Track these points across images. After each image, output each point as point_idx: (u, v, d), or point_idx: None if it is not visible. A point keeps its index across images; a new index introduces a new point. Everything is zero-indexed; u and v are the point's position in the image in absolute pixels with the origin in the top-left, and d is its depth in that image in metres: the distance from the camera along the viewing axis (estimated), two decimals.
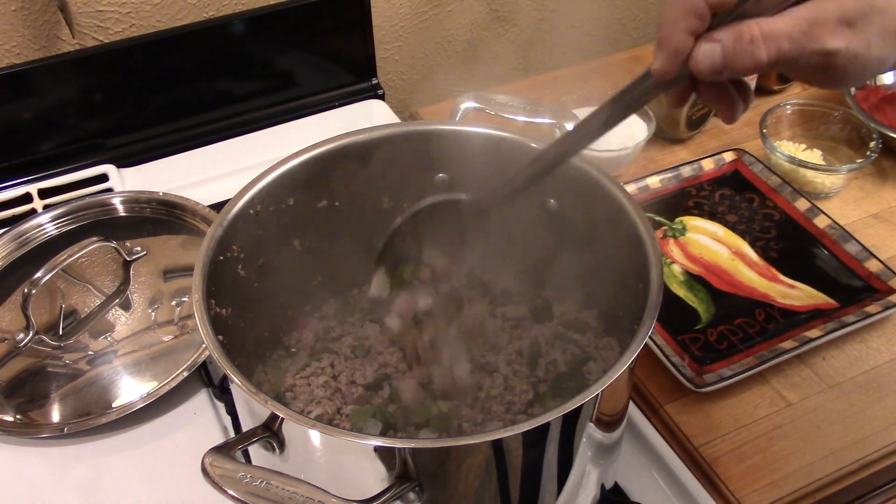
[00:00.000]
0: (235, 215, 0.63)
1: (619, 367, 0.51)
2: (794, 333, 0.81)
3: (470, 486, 0.52)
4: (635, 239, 0.60)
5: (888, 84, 1.09)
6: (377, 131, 0.69)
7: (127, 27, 1.02)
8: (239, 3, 1.06)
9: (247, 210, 0.64)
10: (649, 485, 0.72)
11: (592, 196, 0.64)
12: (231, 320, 0.60)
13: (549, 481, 0.55)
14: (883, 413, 0.77)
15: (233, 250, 0.63)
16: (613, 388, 0.52)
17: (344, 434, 0.49)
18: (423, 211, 0.66)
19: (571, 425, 0.53)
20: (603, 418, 0.56)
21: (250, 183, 0.65)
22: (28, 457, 0.74)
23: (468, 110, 0.74)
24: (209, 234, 0.61)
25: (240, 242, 0.63)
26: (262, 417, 0.51)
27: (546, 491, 0.56)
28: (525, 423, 0.48)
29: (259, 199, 0.65)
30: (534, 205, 0.70)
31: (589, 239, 0.65)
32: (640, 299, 0.56)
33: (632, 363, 0.52)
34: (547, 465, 0.54)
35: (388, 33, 1.19)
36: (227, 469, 0.47)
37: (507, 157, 0.68)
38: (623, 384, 0.58)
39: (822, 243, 0.91)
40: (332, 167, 0.68)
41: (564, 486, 0.57)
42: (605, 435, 0.58)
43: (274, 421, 0.50)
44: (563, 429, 0.52)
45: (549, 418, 0.49)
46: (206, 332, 0.54)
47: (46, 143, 1.01)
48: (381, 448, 0.49)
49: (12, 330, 0.80)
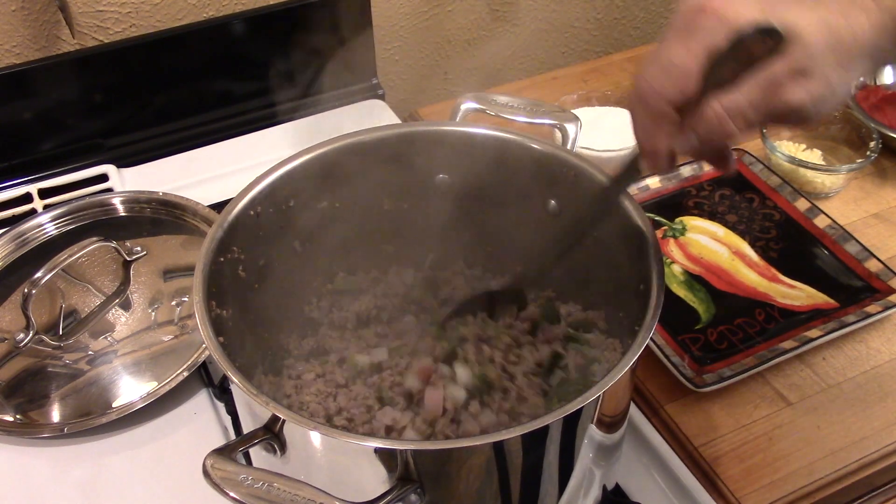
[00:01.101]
0: (236, 216, 0.63)
1: (620, 369, 0.51)
2: (794, 333, 0.81)
3: (472, 488, 0.52)
4: (637, 240, 0.60)
5: (888, 84, 1.09)
6: (377, 132, 0.69)
7: (127, 27, 1.02)
8: (239, 3, 1.06)
9: (247, 211, 0.64)
10: (649, 485, 0.72)
11: (593, 197, 0.64)
12: (231, 321, 0.60)
13: (550, 483, 0.55)
14: (883, 413, 0.77)
15: (233, 251, 0.62)
16: (615, 389, 0.52)
17: (345, 435, 0.49)
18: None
19: (573, 427, 0.53)
20: (604, 419, 0.56)
21: (251, 184, 0.65)
22: (28, 457, 0.74)
23: (469, 111, 0.74)
24: (210, 236, 0.61)
25: (240, 244, 0.63)
26: (263, 419, 0.51)
27: (547, 493, 0.56)
28: (526, 425, 0.48)
29: (260, 200, 0.65)
30: (535, 206, 0.70)
31: (590, 240, 0.65)
32: (642, 300, 0.56)
33: (633, 364, 0.52)
34: (548, 466, 0.54)
35: (388, 33, 1.19)
36: (229, 471, 0.47)
37: (508, 158, 0.68)
38: (624, 385, 0.58)
39: (822, 243, 0.91)
40: (332, 168, 0.68)
41: (566, 487, 0.57)
42: (607, 436, 0.58)
43: (275, 422, 0.50)
44: (565, 430, 0.52)
45: (550, 420, 0.49)
46: (208, 333, 0.54)
47: (46, 143, 1.01)
48: (381, 450, 0.49)
49: (12, 330, 0.80)
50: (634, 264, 0.59)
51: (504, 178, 0.69)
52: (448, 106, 1.08)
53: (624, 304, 0.62)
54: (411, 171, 0.71)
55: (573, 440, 0.54)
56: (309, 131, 1.08)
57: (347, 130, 0.69)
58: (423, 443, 0.56)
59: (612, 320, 0.68)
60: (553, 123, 0.73)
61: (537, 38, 1.33)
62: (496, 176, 0.70)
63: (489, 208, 0.72)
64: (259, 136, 1.08)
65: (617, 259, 0.63)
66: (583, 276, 0.68)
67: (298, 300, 0.72)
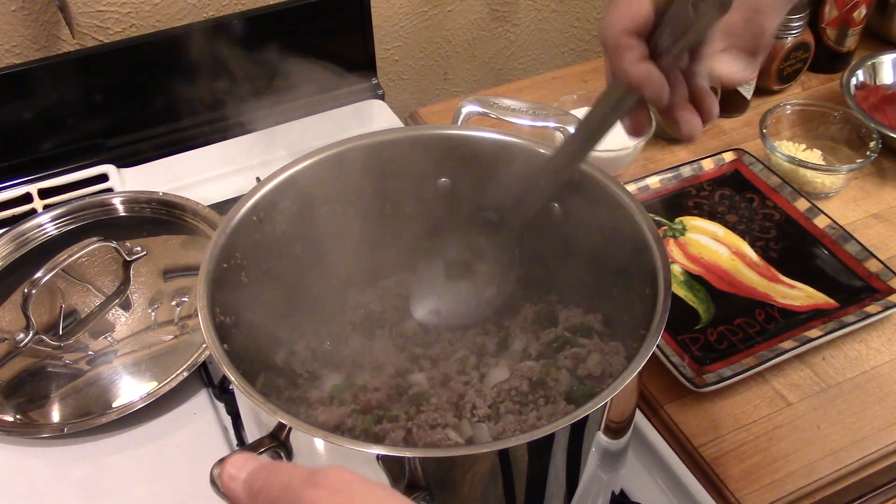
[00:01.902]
0: (238, 222, 0.62)
1: (628, 374, 0.50)
2: (794, 333, 0.81)
3: (481, 495, 0.52)
4: (641, 242, 0.59)
5: (888, 84, 1.09)
6: (379, 136, 0.69)
7: (127, 27, 1.02)
8: (239, 3, 1.06)
9: (250, 217, 0.63)
10: (649, 484, 0.72)
11: (596, 200, 0.64)
12: (234, 328, 0.60)
13: (557, 488, 0.55)
14: (883, 413, 0.77)
15: (236, 257, 0.62)
16: (622, 395, 0.51)
17: (353, 443, 0.49)
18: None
19: (579, 433, 0.53)
20: (611, 425, 0.55)
21: (253, 189, 0.64)
22: (28, 457, 0.74)
23: (471, 114, 0.74)
24: (213, 242, 0.60)
25: (243, 249, 0.63)
26: (269, 427, 0.50)
27: (554, 495, 0.55)
28: (535, 432, 0.48)
29: (262, 206, 0.64)
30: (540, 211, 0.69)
31: (593, 243, 0.65)
32: (647, 303, 0.56)
33: (640, 370, 0.51)
34: (555, 472, 0.53)
35: (388, 33, 1.19)
36: None
37: (510, 162, 0.68)
38: (631, 391, 0.58)
39: (822, 243, 0.91)
40: (333, 173, 0.68)
41: (574, 493, 0.57)
42: (613, 442, 0.58)
43: (281, 430, 0.50)
44: (572, 437, 0.52)
45: (556, 427, 0.48)
46: (213, 341, 0.54)
47: (46, 143, 1.01)
48: (388, 458, 0.48)
49: (12, 330, 0.80)
50: (639, 267, 0.59)
51: (507, 182, 0.69)
52: (448, 106, 1.08)
53: (628, 308, 0.62)
54: (413, 176, 0.70)
55: (580, 446, 0.53)
56: (309, 131, 1.08)
57: (348, 130, 0.69)
58: (429, 451, 0.55)
59: (615, 324, 0.68)
60: (556, 127, 0.73)
61: (537, 38, 1.33)
62: (499, 180, 0.69)
63: (492, 213, 0.72)
64: (259, 136, 1.08)
65: (621, 262, 0.62)
66: (586, 279, 0.68)
67: (302, 306, 0.72)
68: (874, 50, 1.14)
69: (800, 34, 1.09)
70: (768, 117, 1.02)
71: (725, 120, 1.11)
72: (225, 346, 0.54)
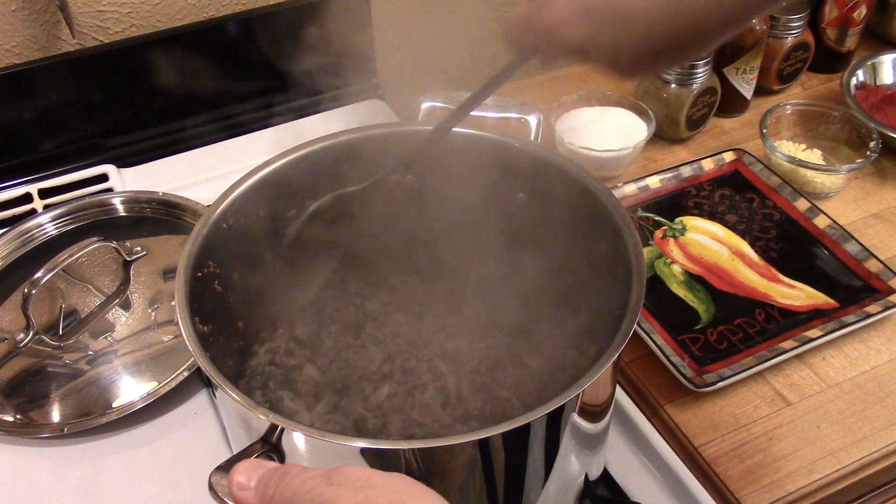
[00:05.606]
0: (210, 230, 0.62)
1: (606, 360, 0.51)
2: (794, 333, 0.81)
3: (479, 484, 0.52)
4: (610, 226, 0.60)
5: (888, 84, 1.09)
6: (342, 136, 0.68)
7: (127, 27, 1.02)
8: (239, 3, 1.06)
9: (220, 224, 0.63)
10: (649, 485, 0.72)
11: (560, 185, 0.64)
12: (212, 336, 0.60)
13: (535, 475, 0.55)
14: (883, 413, 0.77)
15: (209, 266, 0.62)
16: (600, 380, 0.51)
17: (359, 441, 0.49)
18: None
19: (556, 420, 0.53)
20: (587, 408, 0.55)
21: (221, 196, 0.64)
22: (28, 457, 0.74)
23: (432, 109, 0.74)
24: (185, 252, 0.60)
25: (215, 258, 0.62)
26: (260, 431, 0.50)
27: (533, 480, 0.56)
28: (510, 422, 0.48)
29: (231, 212, 0.64)
30: (504, 199, 0.69)
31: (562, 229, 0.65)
32: (622, 285, 0.56)
33: (618, 357, 0.52)
34: (533, 459, 0.54)
35: (388, 33, 1.19)
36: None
37: (473, 155, 0.68)
38: (608, 377, 0.57)
39: (822, 243, 0.91)
40: (297, 176, 0.67)
41: (550, 477, 0.57)
42: (592, 425, 0.58)
43: (272, 433, 0.50)
44: (548, 424, 0.52)
45: (531, 417, 0.49)
46: (197, 349, 0.54)
47: (46, 143, 1.01)
48: (378, 451, 0.48)
49: (12, 330, 0.80)
50: (611, 249, 0.59)
51: (470, 174, 0.68)
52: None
53: (604, 290, 0.62)
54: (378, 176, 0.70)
55: (557, 433, 0.54)
56: (309, 131, 1.08)
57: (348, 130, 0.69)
58: (411, 441, 0.56)
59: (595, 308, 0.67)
60: (517, 117, 0.73)
61: None
62: (462, 172, 0.69)
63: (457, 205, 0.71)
64: (259, 137, 1.08)
65: (591, 245, 0.62)
66: (555, 267, 0.68)
67: (275, 313, 0.71)
68: (874, 50, 1.14)
69: (800, 34, 1.09)
70: (768, 117, 1.02)
71: (725, 120, 1.11)
72: (208, 353, 0.54)
